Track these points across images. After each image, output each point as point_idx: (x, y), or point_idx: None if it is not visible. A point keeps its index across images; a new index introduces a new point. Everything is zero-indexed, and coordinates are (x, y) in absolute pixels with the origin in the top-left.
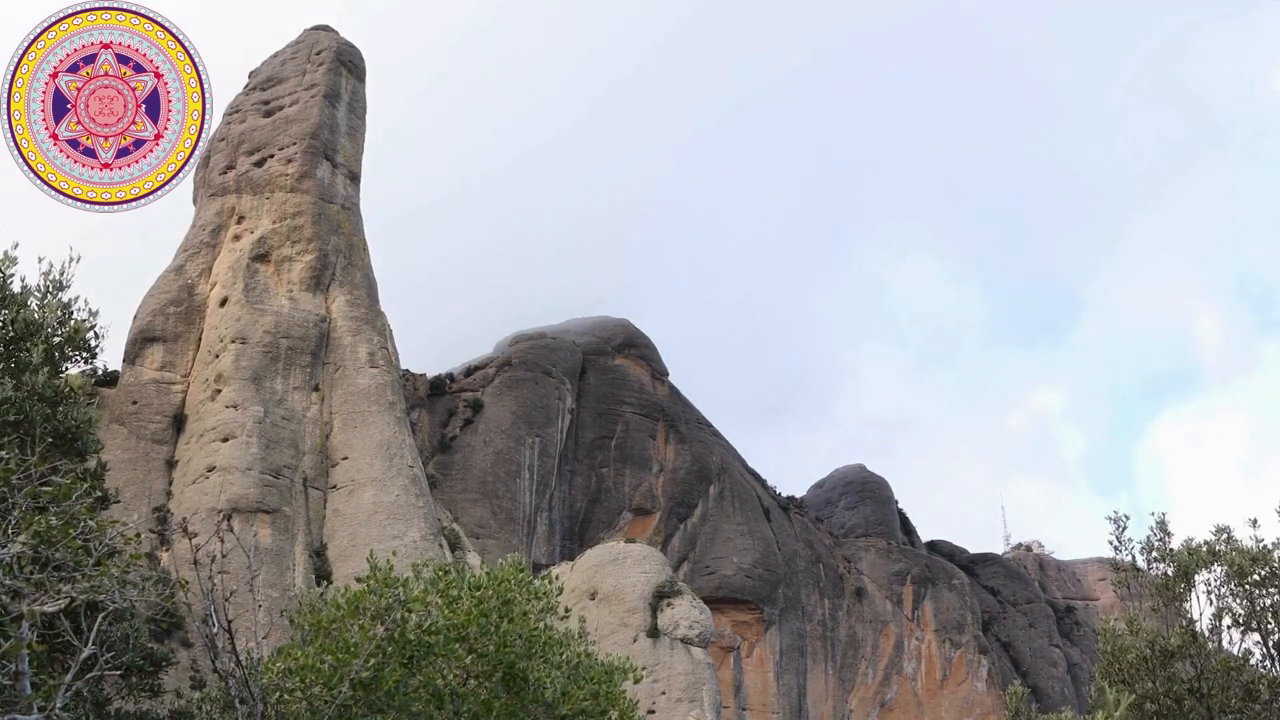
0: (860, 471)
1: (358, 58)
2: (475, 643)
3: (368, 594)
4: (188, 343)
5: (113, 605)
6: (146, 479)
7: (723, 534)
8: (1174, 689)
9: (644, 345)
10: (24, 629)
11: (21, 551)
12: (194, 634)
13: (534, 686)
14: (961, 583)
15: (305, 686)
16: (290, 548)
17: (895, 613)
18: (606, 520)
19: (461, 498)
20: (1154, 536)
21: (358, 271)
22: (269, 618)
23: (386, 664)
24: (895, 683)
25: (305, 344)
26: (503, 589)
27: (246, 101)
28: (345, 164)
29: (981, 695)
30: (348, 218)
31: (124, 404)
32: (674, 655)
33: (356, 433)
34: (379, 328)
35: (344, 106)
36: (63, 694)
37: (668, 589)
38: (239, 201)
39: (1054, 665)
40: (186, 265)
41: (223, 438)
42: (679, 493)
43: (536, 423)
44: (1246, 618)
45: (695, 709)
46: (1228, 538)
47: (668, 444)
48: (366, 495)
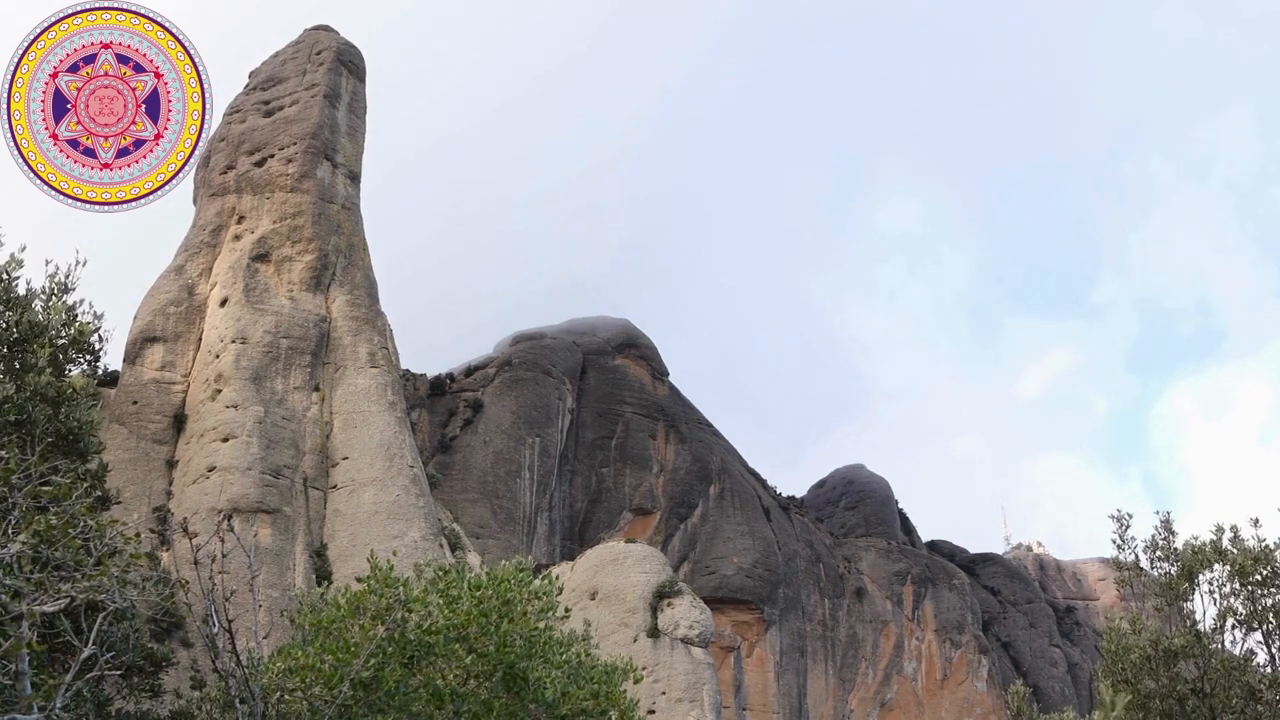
0: (860, 471)
1: (358, 58)
2: (475, 643)
3: (368, 594)
4: (188, 343)
5: (113, 605)
6: (146, 479)
7: (723, 534)
8: (1177, 689)
9: (644, 345)
10: (24, 629)
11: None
12: (194, 634)
13: (534, 686)
14: (962, 583)
15: (305, 686)
16: (290, 548)
17: (895, 613)
18: (607, 520)
19: (462, 498)
20: (1158, 535)
21: (358, 271)
22: (269, 618)
23: (387, 664)
24: (895, 683)
25: (305, 344)
26: (503, 589)
27: (247, 101)
28: (345, 164)
29: (982, 695)
30: (348, 218)
31: (124, 404)
32: (674, 655)
33: (357, 433)
34: (379, 328)
35: (344, 106)
36: (63, 694)
37: (668, 589)
38: (239, 201)
39: (1054, 665)
40: (186, 265)
41: (223, 438)
42: (679, 493)
43: (537, 423)
44: (1248, 617)
45: (695, 709)
46: (1233, 537)
47: (668, 444)
48: (367, 495)
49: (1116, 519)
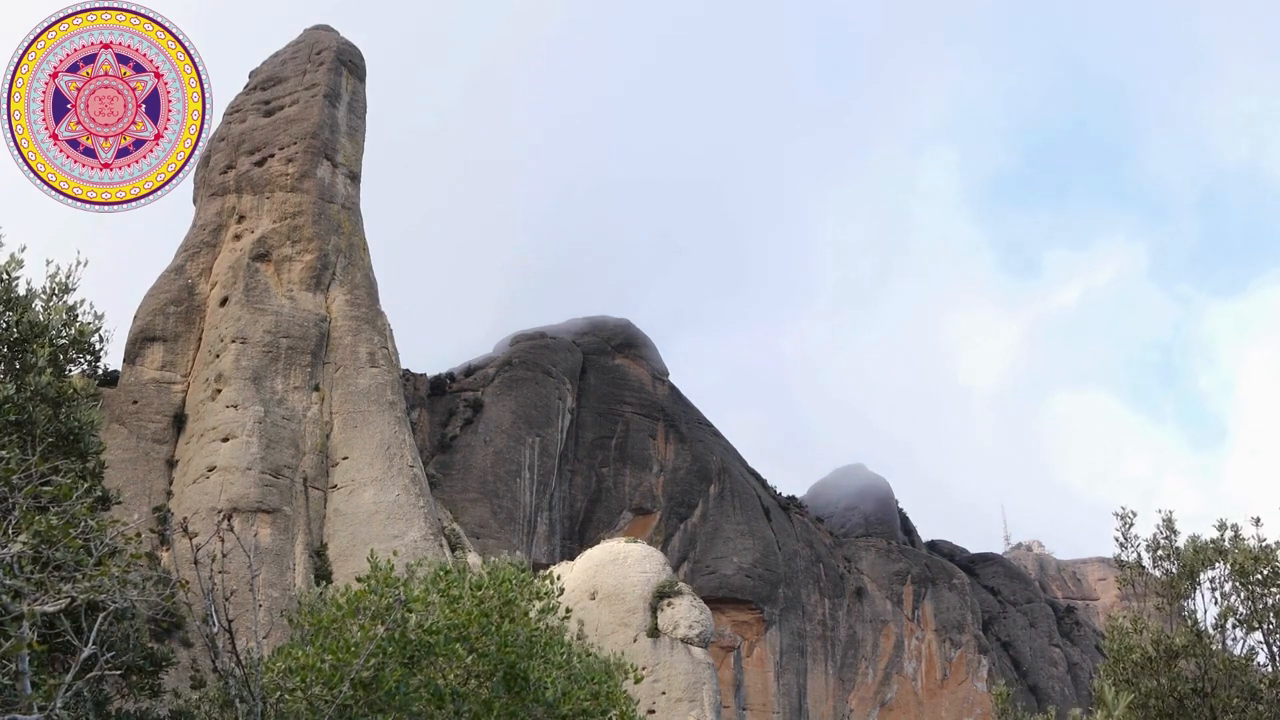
0: (860, 471)
1: (358, 57)
2: (476, 642)
3: (368, 594)
4: (188, 342)
5: (113, 605)
6: (147, 479)
7: (723, 534)
8: (1178, 688)
9: (644, 345)
10: (24, 629)
11: (22, 551)
12: (194, 634)
13: (535, 686)
14: (961, 582)
15: (305, 686)
16: (290, 547)
17: (895, 612)
18: (606, 520)
19: (461, 498)
20: (1160, 534)
21: (358, 271)
22: (269, 618)
23: (387, 664)
24: (895, 682)
25: (305, 344)
26: (503, 589)
27: (247, 101)
28: (345, 164)
29: (982, 695)
30: (348, 217)
31: (124, 404)
32: (674, 655)
33: (357, 433)
34: (379, 328)
35: (344, 106)
36: (63, 694)
37: (668, 589)
38: (239, 201)
39: (1054, 665)
40: (186, 265)
41: (223, 437)
42: (679, 492)
43: (536, 423)
44: (1249, 617)
45: (695, 709)
46: (1234, 536)
47: (668, 444)
48: (367, 495)
49: (1120, 517)
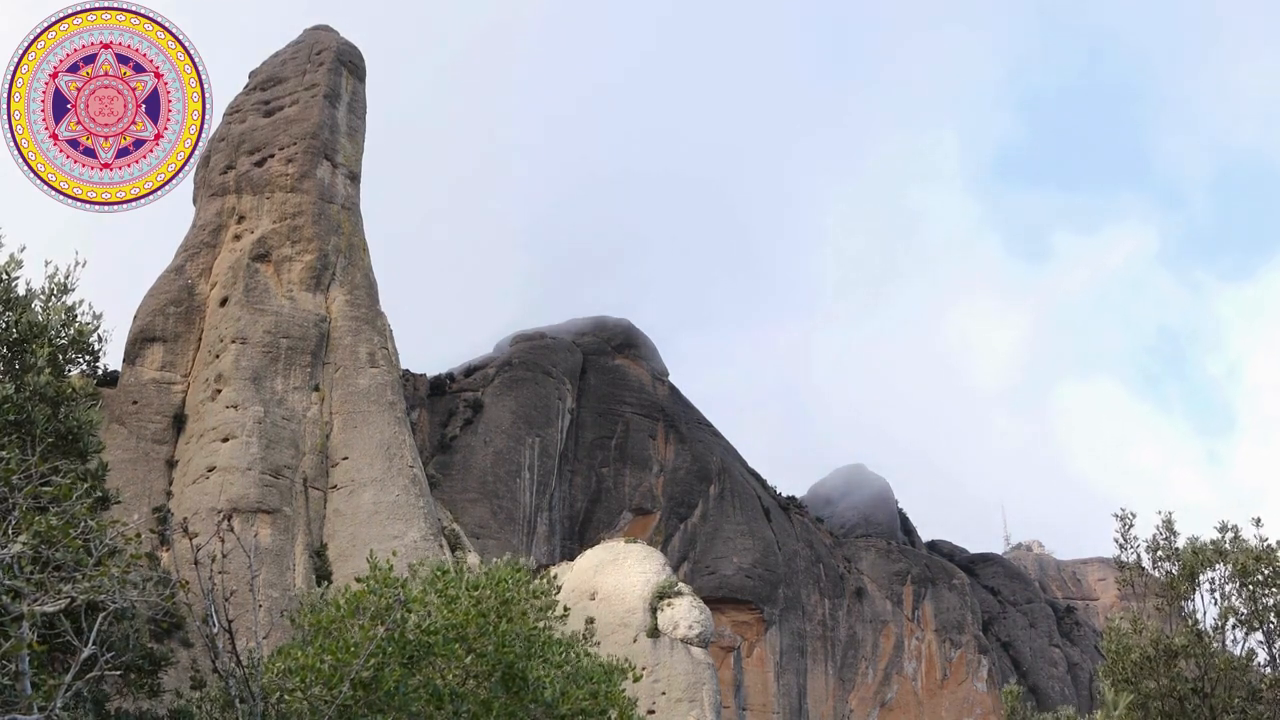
0: (860, 471)
1: (358, 58)
2: (475, 643)
3: (368, 594)
4: (188, 343)
5: (113, 605)
6: (146, 479)
7: (723, 534)
8: (1178, 688)
9: (644, 345)
10: (24, 629)
11: (22, 551)
12: (194, 634)
13: (533, 686)
14: (961, 583)
15: (305, 686)
16: (290, 548)
17: (895, 612)
18: (606, 520)
19: (461, 498)
20: (1159, 535)
21: (358, 271)
22: (269, 618)
23: (386, 664)
24: (895, 682)
25: (305, 344)
26: (501, 589)
27: (247, 101)
28: (345, 164)
29: (982, 695)
30: (348, 218)
31: (124, 404)
32: (674, 655)
33: (356, 433)
34: (379, 328)
35: (344, 106)
36: (63, 694)
37: (668, 589)
38: (239, 201)
39: (1054, 665)
40: (186, 265)
41: (223, 438)
42: (679, 493)
43: (536, 423)
44: (1249, 617)
45: (695, 709)
46: (1234, 536)
47: (668, 444)
48: (366, 495)
49: (1119, 518)
